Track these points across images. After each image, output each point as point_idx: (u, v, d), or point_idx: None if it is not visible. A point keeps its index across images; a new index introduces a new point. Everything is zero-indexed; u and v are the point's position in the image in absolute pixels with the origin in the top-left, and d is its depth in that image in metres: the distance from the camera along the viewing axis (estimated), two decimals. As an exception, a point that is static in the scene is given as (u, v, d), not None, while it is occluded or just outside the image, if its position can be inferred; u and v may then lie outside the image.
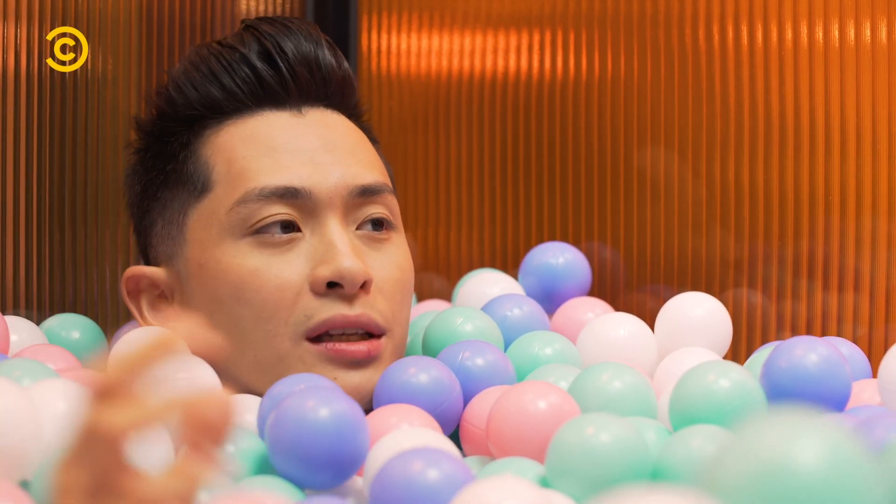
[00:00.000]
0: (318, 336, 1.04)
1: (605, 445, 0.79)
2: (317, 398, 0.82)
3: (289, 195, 1.04)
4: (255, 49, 1.09)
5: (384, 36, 1.63)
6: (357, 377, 1.04)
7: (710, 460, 0.55)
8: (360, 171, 1.08)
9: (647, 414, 0.95)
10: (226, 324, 1.04)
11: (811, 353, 0.96)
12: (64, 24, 1.29)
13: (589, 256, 1.34)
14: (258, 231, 1.04)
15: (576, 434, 0.80)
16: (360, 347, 1.04)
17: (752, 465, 0.53)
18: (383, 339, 1.06)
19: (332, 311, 1.03)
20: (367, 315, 1.04)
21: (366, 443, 0.83)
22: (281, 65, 1.08)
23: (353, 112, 1.15)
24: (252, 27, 1.10)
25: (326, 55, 1.11)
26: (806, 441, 0.53)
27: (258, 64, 1.08)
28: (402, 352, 1.11)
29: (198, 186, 1.07)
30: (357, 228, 1.07)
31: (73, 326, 1.17)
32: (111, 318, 1.34)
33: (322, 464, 0.81)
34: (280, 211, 1.04)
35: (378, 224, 1.08)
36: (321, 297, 1.03)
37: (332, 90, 1.12)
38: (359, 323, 1.04)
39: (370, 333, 1.05)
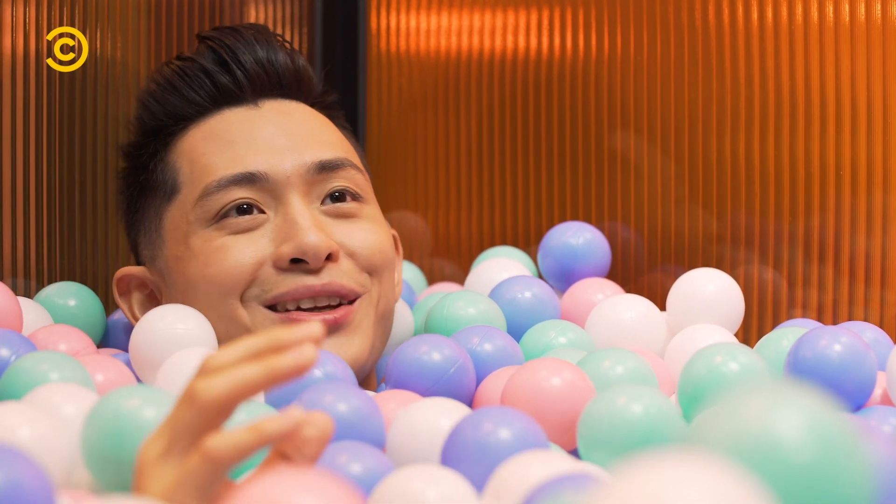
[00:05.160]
0: (277, 304, 1.07)
1: (636, 415, 0.79)
2: (333, 394, 0.83)
3: (246, 181, 1.09)
4: (210, 58, 1.15)
5: (393, 15, 1.63)
6: (328, 344, 1.06)
7: (692, 429, 0.55)
8: (318, 148, 1.12)
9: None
10: (200, 306, 1.08)
11: (835, 343, 0.96)
12: (73, 6, 1.30)
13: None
14: (221, 217, 1.08)
15: (607, 405, 0.80)
16: (325, 316, 1.06)
17: (732, 435, 0.52)
18: (357, 303, 1.08)
19: (294, 283, 1.06)
20: (335, 282, 1.07)
21: (382, 429, 0.83)
22: (234, 67, 1.14)
23: (317, 101, 1.19)
24: (207, 38, 1.16)
25: (279, 53, 1.16)
26: (787, 412, 0.52)
27: (212, 69, 1.14)
28: (390, 314, 1.13)
29: (167, 190, 1.13)
30: (322, 204, 1.11)
31: (69, 295, 1.19)
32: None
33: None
34: (238, 196, 1.08)
35: (341, 196, 1.11)
36: (283, 273, 1.07)
37: (287, 82, 1.16)
38: (326, 291, 1.07)
39: (342, 301, 1.08)
